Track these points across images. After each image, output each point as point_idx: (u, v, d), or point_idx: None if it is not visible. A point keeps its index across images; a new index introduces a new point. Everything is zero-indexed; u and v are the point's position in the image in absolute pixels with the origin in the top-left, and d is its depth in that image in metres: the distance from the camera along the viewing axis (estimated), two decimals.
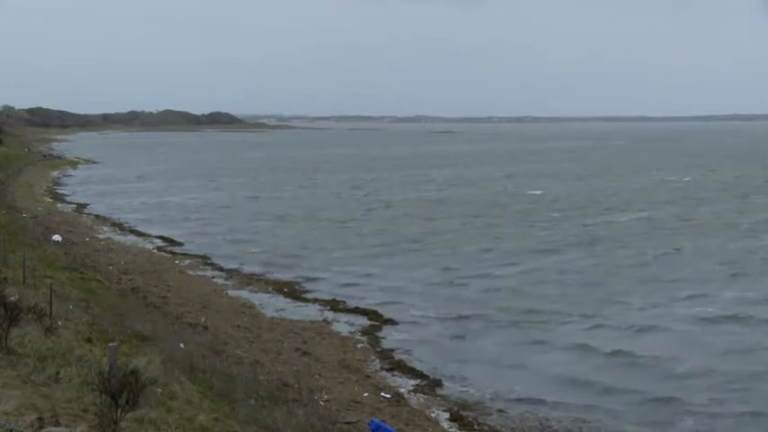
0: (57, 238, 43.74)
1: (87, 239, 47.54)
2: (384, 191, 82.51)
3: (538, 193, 78.46)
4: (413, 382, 23.37)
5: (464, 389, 22.88)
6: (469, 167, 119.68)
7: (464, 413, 20.82)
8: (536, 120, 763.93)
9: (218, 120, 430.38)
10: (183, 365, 18.56)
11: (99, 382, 11.73)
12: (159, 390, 14.42)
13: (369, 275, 38.74)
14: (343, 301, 32.93)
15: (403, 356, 25.74)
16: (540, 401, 21.91)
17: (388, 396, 21.75)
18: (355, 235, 51.88)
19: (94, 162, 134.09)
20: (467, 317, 30.81)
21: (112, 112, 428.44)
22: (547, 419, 20.63)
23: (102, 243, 46.90)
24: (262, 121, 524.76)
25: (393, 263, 41.85)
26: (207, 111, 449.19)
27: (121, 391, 11.30)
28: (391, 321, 30.05)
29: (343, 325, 29.64)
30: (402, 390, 22.60)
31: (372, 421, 17.40)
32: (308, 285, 36.32)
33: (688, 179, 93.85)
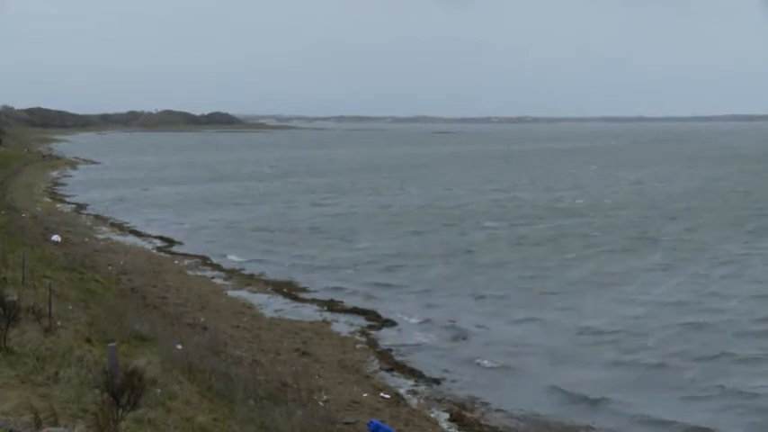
0: (56, 238, 43.69)
1: (86, 240, 47.52)
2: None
3: None
4: (412, 382, 23.36)
5: (464, 389, 22.87)
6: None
7: (464, 413, 20.81)
8: (535, 120, 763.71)
9: (218, 120, 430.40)
10: (182, 366, 18.55)
11: (102, 381, 11.73)
12: (158, 390, 14.42)
13: (366, 276, 38.75)
14: (342, 302, 32.93)
15: (402, 357, 25.72)
16: (541, 401, 21.92)
17: (387, 396, 21.73)
18: (347, 238, 51.92)
19: (93, 162, 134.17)
20: (466, 317, 30.83)
21: (112, 112, 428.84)
22: (547, 420, 20.62)
23: (101, 243, 46.89)
24: (261, 121, 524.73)
25: (390, 264, 41.88)
26: (206, 111, 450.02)
27: (123, 390, 11.29)
28: (390, 322, 30.04)
29: (343, 325, 29.64)
30: (401, 390, 22.58)
31: (371, 422, 17.35)
32: (307, 286, 36.30)
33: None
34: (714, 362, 25.31)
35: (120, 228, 54.91)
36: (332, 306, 32.34)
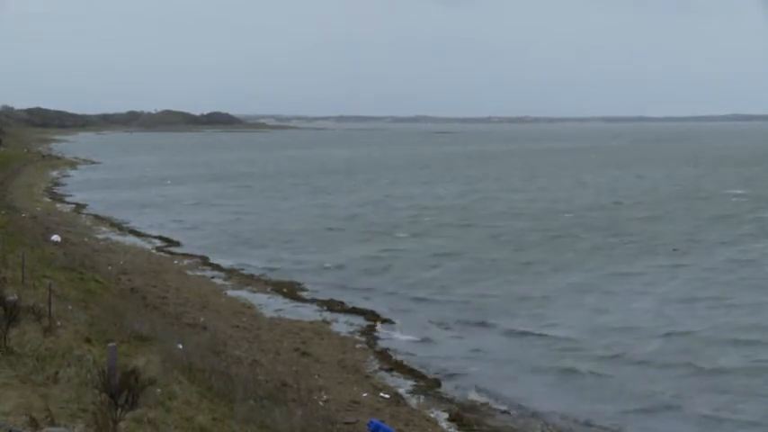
0: (56, 238, 43.67)
1: (86, 240, 47.51)
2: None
3: None
4: (412, 382, 23.38)
5: (463, 389, 22.89)
6: None
7: (463, 413, 20.81)
8: (535, 120, 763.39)
9: (218, 120, 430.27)
10: (182, 366, 18.56)
11: (100, 381, 11.73)
12: (158, 390, 14.42)
13: (365, 276, 38.77)
14: (342, 302, 32.93)
15: (402, 357, 25.74)
16: (541, 401, 21.93)
17: (387, 396, 21.75)
18: (345, 238, 51.96)
19: (93, 162, 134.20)
20: (465, 317, 30.85)
21: (111, 112, 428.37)
22: (547, 420, 20.64)
23: (101, 243, 46.89)
24: (261, 121, 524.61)
25: (389, 264, 41.90)
26: (206, 111, 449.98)
27: (121, 390, 11.29)
28: (390, 322, 30.07)
29: (342, 325, 29.65)
30: (401, 390, 22.60)
31: (371, 422, 17.38)
32: (306, 286, 36.31)
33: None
34: (690, 372, 24.85)
35: (120, 228, 54.91)
36: (332, 306, 32.35)
